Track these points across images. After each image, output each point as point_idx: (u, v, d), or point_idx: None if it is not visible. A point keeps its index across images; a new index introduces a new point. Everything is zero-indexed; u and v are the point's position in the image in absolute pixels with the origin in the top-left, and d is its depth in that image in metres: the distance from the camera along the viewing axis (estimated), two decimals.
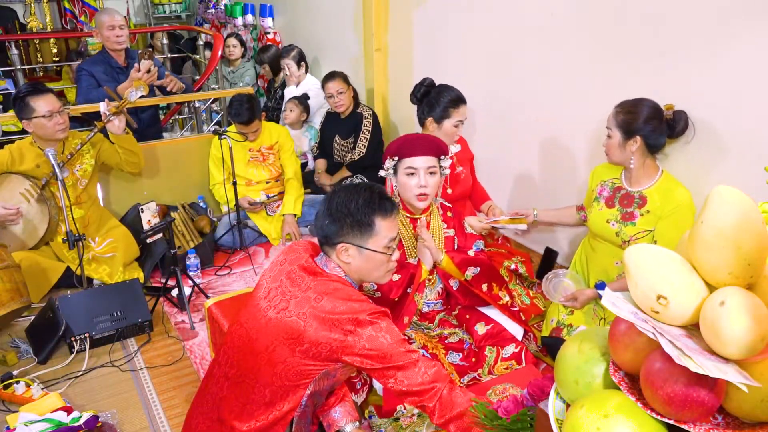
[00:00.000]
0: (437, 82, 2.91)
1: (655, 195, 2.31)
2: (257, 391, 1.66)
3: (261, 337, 1.65)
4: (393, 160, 2.26)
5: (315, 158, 4.32)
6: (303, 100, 4.41)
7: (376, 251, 1.69)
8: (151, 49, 3.56)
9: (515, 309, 2.41)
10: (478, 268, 2.34)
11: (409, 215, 2.32)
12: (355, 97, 4.07)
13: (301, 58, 4.61)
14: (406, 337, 2.25)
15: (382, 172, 2.32)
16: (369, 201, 1.68)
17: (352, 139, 4.04)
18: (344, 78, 3.97)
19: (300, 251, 1.76)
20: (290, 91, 4.64)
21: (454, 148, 2.96)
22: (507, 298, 2.39)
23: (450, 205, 2.47)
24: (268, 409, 1.65)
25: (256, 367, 1.66)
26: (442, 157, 2.26)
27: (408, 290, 2.24)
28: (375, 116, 4.07)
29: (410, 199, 2.25)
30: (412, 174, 2.21)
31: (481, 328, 2.32)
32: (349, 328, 1.56)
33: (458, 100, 2.80)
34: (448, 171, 2.33)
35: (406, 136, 2.35)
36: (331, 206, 1.70)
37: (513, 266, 2.76)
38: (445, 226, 2.39)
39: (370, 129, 4.00)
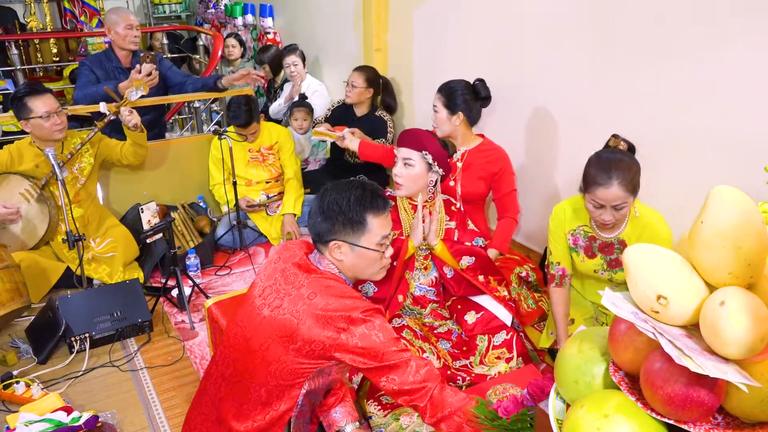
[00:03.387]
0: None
1: (632, 236, 2.20)
2: (253, 390, 1.65)
3: (255, 336, 1.65)
4: (398, 150, 2.41)
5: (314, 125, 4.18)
6: (307, 104, 4.32)
7: (368, 248, 1.69)
8: (153, 53, 3.55)
9: (512, 304, 2.42)
10: (474, 258, 2.38)
11: (411, 201, 2.43)
12: (373, 99, 3.98)
13: (303, 57, 4.60)
14: (399, 336, 2.25)
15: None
16: (361, 198, 1.68)
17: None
18: (368, 76, 3.87)
19: (294, 249, 1.76)
20: (286, 91, 4.60)
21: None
22: (505, 293, 2.42)
23: (456, 202, 2.54)
24: (265, 409, 1.65)
25: (252, 367, 1.65)
26: (424, 152, 2.33)
27: (394, 263, 2.24)
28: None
29: None
30: (396, 162, 2.40)
31: (471, 318, 2.37)
32: (342, 326, 1.56)
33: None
34: (440, 170, 2.36)
35: (407, 129, 2.49)
36: (323, 204, 1.70)
37: (524, 273, 2.76)
38: (448, 218, 2.47)
39: (395, 134, 3.99)
